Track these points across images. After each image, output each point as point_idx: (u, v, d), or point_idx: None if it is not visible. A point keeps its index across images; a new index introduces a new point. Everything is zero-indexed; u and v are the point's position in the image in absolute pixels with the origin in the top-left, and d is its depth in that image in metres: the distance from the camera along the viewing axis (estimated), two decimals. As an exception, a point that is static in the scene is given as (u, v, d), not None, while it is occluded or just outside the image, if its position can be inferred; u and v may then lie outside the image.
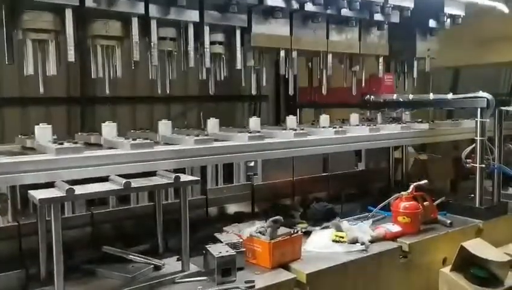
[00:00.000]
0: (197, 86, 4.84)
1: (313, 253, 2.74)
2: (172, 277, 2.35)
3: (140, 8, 2.70)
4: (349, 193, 3.77)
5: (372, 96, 4.23)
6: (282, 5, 3.19)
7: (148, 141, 2.59)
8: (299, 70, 3.72)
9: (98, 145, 2.82)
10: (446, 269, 3.10)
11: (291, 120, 3.61)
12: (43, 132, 2.64)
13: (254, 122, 3.42)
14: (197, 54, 3.08)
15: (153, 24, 2.79)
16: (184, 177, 2.46)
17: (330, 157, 3.73)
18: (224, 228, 2.88)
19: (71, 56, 2.53)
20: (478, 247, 3.10)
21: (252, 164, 3.36)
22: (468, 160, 3.58)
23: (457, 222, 3.37)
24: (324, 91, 3.67)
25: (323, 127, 3.54)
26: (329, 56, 3.57)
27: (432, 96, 3.99)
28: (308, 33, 3.45)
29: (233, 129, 3.51)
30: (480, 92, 3.55)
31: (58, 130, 3.54)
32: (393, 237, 3.01)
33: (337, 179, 3.81)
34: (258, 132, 3.18)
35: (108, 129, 2.82)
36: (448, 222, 3.32)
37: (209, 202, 3.14)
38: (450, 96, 3.83)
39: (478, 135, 3.50)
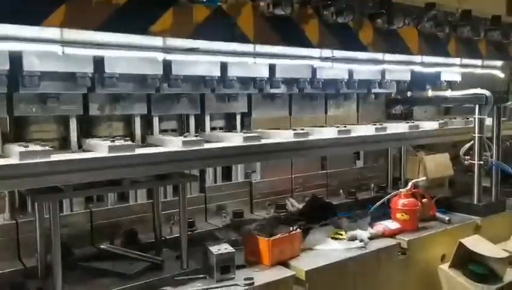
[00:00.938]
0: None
1: (312, 250, 2.74)
2: (172, 274, 2.35)
3: (142, 109, 2.82)
4: (348, 190, 3.77)
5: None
6: (283, 91, 3.33)
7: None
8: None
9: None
10: (445, 266, 3.11)
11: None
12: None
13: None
14: None
15: (155, 120, 2.91)
16: (183, 175, 2.45)
17: (329, 155, 3.73)
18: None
19: None
20: (476, 244, 3.11)
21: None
22: (466, 157, 3.58)
23: (455, 219, 3.38)
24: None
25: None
26: None
27: (430, 93, 3.99)
28: (307, 111, 3.62)
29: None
30: (479, 88, 3.56)
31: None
32: (392, 234, 3.02)
33: (335, 177, 3.81)
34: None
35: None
36: (447, 218, 3.32)
37: (207, 199, 3.13)
38: (448, 93, 3.83)
39: (476, 132, 3.50)
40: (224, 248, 2.38)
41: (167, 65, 2.68)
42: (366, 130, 3.32)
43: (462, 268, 3.07)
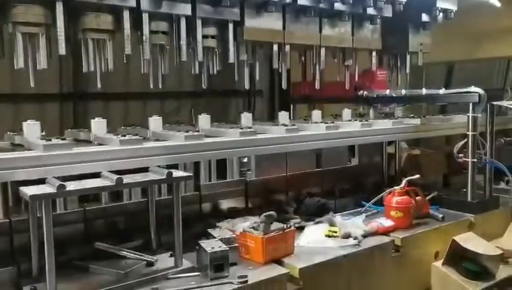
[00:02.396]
0: (190, 81, 4.82)
1: (306, 248, 2.75)
2: (165, 272, 2.35)
3: (131, 1, 2.68)
4: (342, 188, 3.78)
5: (365, 92, 4.23)
6: None
7: (137, 137, 2.58)
8: (292, 65, 3.71)
9: (88, 142, 2.80)
10: (438, 263, 3.12)
11: (283, 116, 3.61)
12: (31, 129, 2.62)
13: (246, 118, 3.42)
14: (190, 49, 3.07)
15: (145, 17, 2.76)
16: (177, 173, 2.45)
17: (323, 153, 3.73)
18: (217, 224, 2.89)
19: (62, 49, 2.51)
20: (470, 241, 3.12)
21: (246, 159, 3.36)
22: (460, 154, 3.60)
23: (449, 216, 3.39)
24: (317, 86, 3.67)
25: (315, 123, 3.55)
26: (322, 50, 3.57)
27: (424, 91, 4.01)
28: (301, 27, 3.44)
29: (225, 125, 3.50)
30: (472, 86, 3.57)
31: (51, 126, 3.52)
32: (386, 232, 3.03)
33: (330, 175, 3.81)
34: (250, 127, 3.17)
35: (98, 125, 2.81)
36: (440, 216, 3.34)
37: (202, 198, 3.13)
38: (442, 91, 3.84)
39: (470, 130, 3.52)
40: (218, 246, 2.39)
41: None
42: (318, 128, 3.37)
43: (456, 265, 3.08)
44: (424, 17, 4.05)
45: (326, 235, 2.89)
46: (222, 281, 2.29)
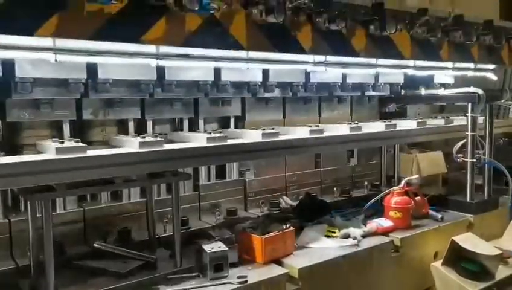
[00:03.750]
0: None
1: (305, 248, 2.75)
2: (165, 272, 2.35)
3: (136, 113, 2.83)
4: (341, 188, 3.78)
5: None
6: (277, 94, 3.34)
7: (158, 138, 2.47)
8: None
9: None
10: (437, 263, 3.12)
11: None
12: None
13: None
14: None
15: (149, 124, 2.90)
16: (176, 173, 2.45)
17: (322, 153, 3.74)
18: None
19: None
20: (469, 241, 3.12)
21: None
22: (459, 155, 3.60)
23: (448, 217, 3.40)
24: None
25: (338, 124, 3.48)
26: None
27: (423, 91, 4.01)
28: (301, 114, 3.63)
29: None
30: (472, 87, 3.58)
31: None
32: (385, 232, 3.03)
33: (329, 175, 3.82)
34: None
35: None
36: (440, 216, 3.34)
37: (201, 198, 3.14)
38: (441, 91, 3.85)
39: (469, 130, 3.52)
40: (218, 246, 2.39)
41: (161, 70, 2.69)
42: (341, 129, 3.30)
43: (455, 265, 3.08)
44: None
45: (325, 236, 2.90)
46: (221, 281, 2.29)
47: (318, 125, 3.17)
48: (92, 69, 2.48)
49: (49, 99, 2.49)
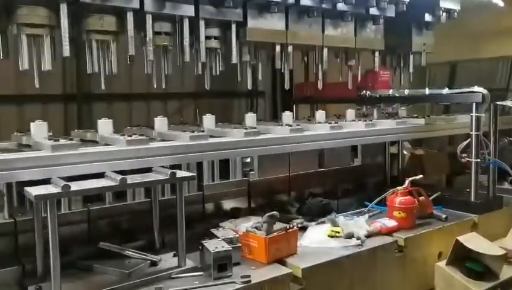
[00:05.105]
0: (194, 82, 4.84)
1: (309, 248, 2.75)
2: (169, 272, 2.36)
3: (135, 3, 2.69)
4: (345, 188, 3.78)
5: (368, 92, 4.24)
6: None
7: (144, 137, 2.60)
8: (295, 65, 3.71)
9: (94, 142, 2.82)
10: (441, 263, 3.12)
11: (287, 116, 3.62)
12: (38, 129, 2.64)
13: (250, 118, 3.43)
14: (193, 49, 3.08)
15: (148, 19, 2.77)
16: (180, 173, 2.47)
17: (326, 153, 3.74)
18: (220, 224, 2.89)
19: (66, 51, 2.52)
20: (473, 241, 3.12)
21: (248, 159, 3.37)
22: (463, 155, 3.59)
23: (452, 217, 3.39)
24: (320, 86, 3.67)
25: (319, 123, 3.56)
26: (325, 50, 3.57)
27: (427, 91, 4.00)
28: (304, 27, 3.44)
29: (229, 125, 3.51)
30: (476, 86, 3.57)
31: (55, 127, 3.54)
32: (389, 232, 3.03)
33: (333, 175, 3.82)
34: (254, 128, 3.18)
35: (104, 126, 2.83)
36: (444, 216, 3.34)
37: (205, 198, 3.15)
38: (445, 91, 3.84)
39: (473, 130, 3.51)
40: (221, 246, 2.39)
41: None
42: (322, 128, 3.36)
43: (459, 265, 3.08)
44: (427, 17, 4.05)
45: (329, 236, 2.89)
46: (225, 281, 2.30)
47: (299, 125, 3.27)
48: None
49: None
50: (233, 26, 3.12)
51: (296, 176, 3.59)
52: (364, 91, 4.24)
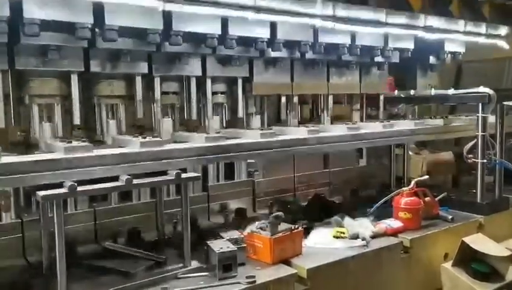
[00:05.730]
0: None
1: (314, 249, 2.75)
2: (174, 272, 2.37)
3: (143, 68, 2.79)
4: (350, 188, 3.77)
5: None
6: (284, 55, 3.27)
7: (158, 139, 2.56)
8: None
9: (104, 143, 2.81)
10: (447, 265, 3.10)
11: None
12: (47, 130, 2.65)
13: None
14: (200, 104, 3.13)
15: (156, 81, 2.87)
16: (185, 174, 2.47)
17: (331, 154, 3.73)
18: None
19: (77, 119, 2.61)
20: (479, 242, 3.10)
21: (253, 160, 3.37)
22: (469, 155, 3.58)
23: (458, 217, 3.37)
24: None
25: (336, 124, 3.54)
26: (330, 98, 3.66)
27: (433, 91, 3.99)
28: (309, 78, 3.54)
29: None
30: (482, 87, 3.55)
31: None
32: (395, 233, 3.02)
33: (338, 175, 3.81)
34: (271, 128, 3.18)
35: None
36: (450, 217, 3.32)
37: (210, 199, 3.16)
38: (451, 91, 3.82)
39: (479, 130, 3.49)
40: (227, 246, 2.40)
41: (168, 19, 2.63)
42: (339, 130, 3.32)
43: (465, 267, 3.06)
44: (432, 60, 4.11)
45: (334, 236, 2.89)
46: (230, 281, 2.30)
47: (317, 126, 3.23)
48: (98, 13, 2.42)
49: (56, 46, 2.43)
50: (240, 82, 3.20)
51: (301, 176, 3.59)
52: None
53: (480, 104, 3.49)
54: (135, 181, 2.27)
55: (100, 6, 2.40)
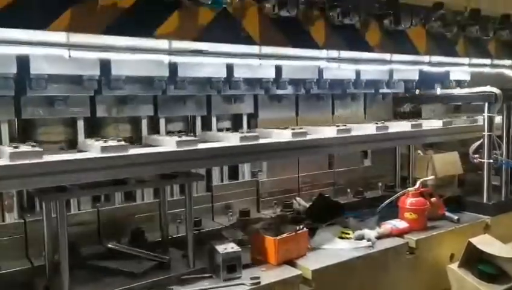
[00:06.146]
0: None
1: (319, 249, 2.73)
2: (178, 273, 2.35)
3: (149, 110, 2.82)
4: (355, 189, 3.75)
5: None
6: (289, 92, 3.29)
7: (193, 138, 2.53)
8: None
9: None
10: (454, 266, 3.08)
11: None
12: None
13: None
14: None
15: (162, 122, 2.89)
16: (189, 174, 2.46)
17: (336, 154, 3.71)
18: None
19: None
20: (486, 243, 3.07)
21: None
22: (475, 155, 3.55)
23: (464, 218, 3.35)
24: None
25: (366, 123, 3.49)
26: None
27: (438, 91, 3.96)
28: (314, 111, 3.58)
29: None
30: (488, 86, 3.51)
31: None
32: (400, 233, 2.99)
33: (343, 175, 3.79)
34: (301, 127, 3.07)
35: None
36: (456, 218, 3.29)
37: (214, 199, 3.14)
38: (456, 90, 3.79)
39: (486, 130, 3.46)
40: (231, 247, 2.38)
41: (173, 67, 2.67)
42: (368, 129, 3.26)
43: (471, 268, 3.03)
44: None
45: (339, 237, 2.87)
46: (234, 282, 2.29)
47: (345, 125, 3.13)
48: (105, 65, 2.46)
49: (63, 96, 2.49)
50: (245, 118, 3.24)
51: (305, 176, 3.57)
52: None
53: (486, 104, 3.45)
54: (138, 181, 2.26)
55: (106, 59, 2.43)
